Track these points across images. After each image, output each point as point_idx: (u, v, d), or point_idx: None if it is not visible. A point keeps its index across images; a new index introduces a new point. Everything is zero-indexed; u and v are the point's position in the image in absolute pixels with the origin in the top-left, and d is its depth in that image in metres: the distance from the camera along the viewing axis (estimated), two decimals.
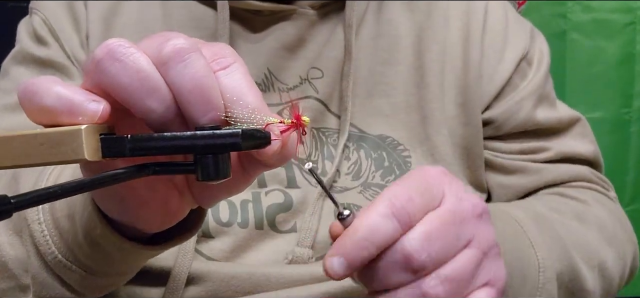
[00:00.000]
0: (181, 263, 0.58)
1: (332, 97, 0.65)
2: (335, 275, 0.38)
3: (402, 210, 0.38)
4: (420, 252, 0.37)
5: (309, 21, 0.65)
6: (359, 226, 0.38)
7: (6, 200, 0.26)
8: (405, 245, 0.38)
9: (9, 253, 0.52)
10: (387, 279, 0.38)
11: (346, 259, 0.38)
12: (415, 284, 0.38)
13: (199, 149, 0.33)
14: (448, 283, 0.38)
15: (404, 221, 0.38)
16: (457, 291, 0.39)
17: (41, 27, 0.67)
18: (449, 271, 0.38)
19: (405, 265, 0.38)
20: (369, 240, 0.37)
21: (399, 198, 0.38)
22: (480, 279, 0.40)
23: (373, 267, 0.38)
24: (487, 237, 0.40)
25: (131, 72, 0.33)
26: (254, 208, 0.61)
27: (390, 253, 0.38)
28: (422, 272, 0.38)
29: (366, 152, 0.64)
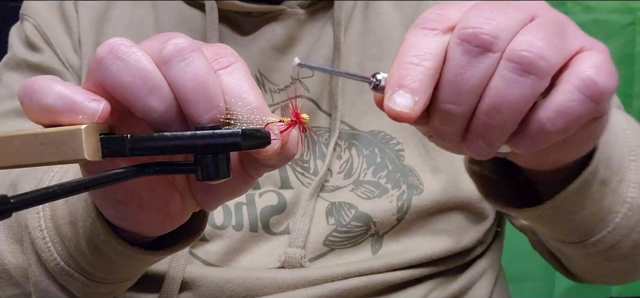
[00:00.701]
0: (175, 268, 0.58)
1: (322, 95, 0.65)
2: (406, 109, 0.33)
3: (434, 17, 0.34)
4: (482, 24, 0.32)
5: (298, 21, 0.65)
6: (400, 57, 0.34)
7: (6, 200, 0.26)
8: (462, 31, 0.33)
9: (11, 262, 0.52)
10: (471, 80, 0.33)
11: (405, 85, 0.33)
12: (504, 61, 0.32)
13: (199, 149, 0.33)
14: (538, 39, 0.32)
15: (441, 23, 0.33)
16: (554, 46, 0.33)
17: (33, 33, 0.67)
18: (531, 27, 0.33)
19: (474, 49, 0.32)
20: (415, 55, 0.33)
21: (424, 16, 0.35)
22: (575, 41, 0.34)
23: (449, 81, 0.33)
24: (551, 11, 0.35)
25: (133, 71, 0.33)
26: (248, 211, 0.61)
27: (453, 54, 0.33)
28: (498, 45, 0.32)
29: (358, 149, 0.63)
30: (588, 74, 0.33)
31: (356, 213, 0.61)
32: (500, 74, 0.32)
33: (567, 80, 0.33)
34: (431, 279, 0.63)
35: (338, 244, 0.61)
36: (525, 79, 0.32)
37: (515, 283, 1.48)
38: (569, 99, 0.33)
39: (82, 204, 0.45)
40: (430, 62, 0.33)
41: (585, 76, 0.33)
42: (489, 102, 0.33)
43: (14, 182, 0.54)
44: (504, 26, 0.33)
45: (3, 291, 0.53)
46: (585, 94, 0.33)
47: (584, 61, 0.34)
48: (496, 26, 0.32)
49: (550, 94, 0.33)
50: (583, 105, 0.33)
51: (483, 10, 0.33)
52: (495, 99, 0.33)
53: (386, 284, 0.60)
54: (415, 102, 0.33)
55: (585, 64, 0.33)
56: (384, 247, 0.62)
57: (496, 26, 0.32)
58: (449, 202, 0.62)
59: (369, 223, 0.61)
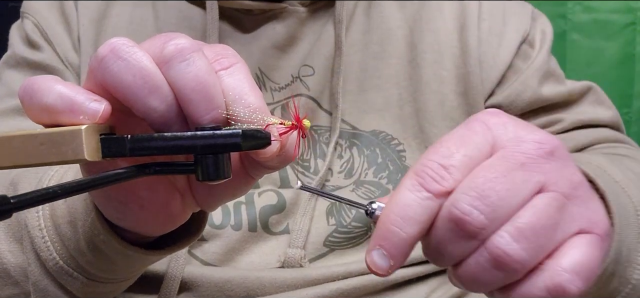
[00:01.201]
0: (174, 268, 0.58)
1: (323, 94, 0.64)
2: (381, 270, 0.34)
3: (432, 174, 0.33)
4: (471, 211, 0.32)
5: (299, 19, 0.65)
6: (388, 211, 0.34)
7: (6, 200, 0.26)
8: (451, 211, 0.32)
9: (10, 261, 0.52)
10: (450, 253, 0.33)
11: (385, 249, 0.33)
12: (483, 249, 0.32)
13: (199, 149, 0.33)
14: (523, 238, 0.32)
15: (437, 185, 0.33)
16: (539, 246, 0.32)
17: (33, 32, 0.67)
18: (520, 223, 0.32)
19: (459, 232, 0.32)
20: (401, 218, 0.33)
21: (427, 164, 0.33)
22: (570, 227, 0.33)
23: (431, 245, 0.34)
24: (565, 176, 0.33)
25: (134, 70, 0.33)
26: (247, 210, 0.61)
27: (440, 225, 0.33)
28: (483, 234, 0.32)
29: (359, 149, 0.63)
30: (559, 281, 0.32)
31: (356, 214, 0.61)
32: (476, 258, 0.33)
33: (542, 274, 0.33)
34: (433, 277, 0.63)
35: (338, 245, 0.61)
36: (498, 272, 0.32)
37: None
38: (534, 294, 0.33)
39: (81, 204, 0.45)
40: (414, 229, 0.33)
41: (557, 282, 0.32)
42: (463, 273, 0.34)
43: (14, 181, 0.54)
44: (495, 215, 0.32)
45: (2, 290, 0.53)
46: (552, 296, 0.32)
47: (566, 258, 0.32)
48: (486, 216, 0.32)
49: (525, 279, 0.33)
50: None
51: (482, 186, 0.32)
52: (468, 274, 0.33)
53: (387, 283, 0.60)
54: (391, 266, 0.34)
55: (564, 263, 0.32)
56: None
57: (486, 216, 0.32)
58: None
59: (369, 224, 0.61)
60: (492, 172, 0.32)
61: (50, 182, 0.50)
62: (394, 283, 0.60)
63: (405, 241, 0.33)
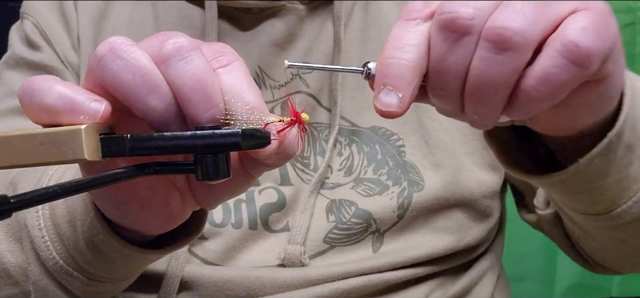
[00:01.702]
0: (174, 267, 0.58)
1: (322, 91, 0.64)
2: (391, 107, 0.33)
3: (417, 6, 0.34)
4: (457, 7, 0.32)
5: (298, 16, 0.65)
6: (384, 51, 0.34)
7: (6, 199, 0.26)
8: (439, 18, 0.33)
9: (10, 261, 0.52)
10: (453, 65, 0.33)
11: (389, 84, 0.33)
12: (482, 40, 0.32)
13: (199, 149, 0.33)
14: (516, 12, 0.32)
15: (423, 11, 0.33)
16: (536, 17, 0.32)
17: (33, 32, 0.67)
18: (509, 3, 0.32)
19: (453, 34, 0.32)
20: (397, 49, 0.33)
21: (409, 5, 0.34)
22: (563, 6, 0.33)
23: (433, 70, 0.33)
24: None
25: (133, 70, 0.33)
26: (247, 208, 0.61)
27: (434, 40, 0.33)
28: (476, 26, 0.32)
29: (358, 146, 0.63)
30: (571, 37, 0.32)
31: (356, 210, 0.61)
32: (478, 54, 0.32)
33: (550, 45, 0.32)
34: (433, 279, 0.63)
35: (338, 242, 0.61)
36: (503, 57, 0.32)
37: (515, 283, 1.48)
38: (550, 64, 0.32)
39: (81, 203, 0.45)
40: (411, 54, 0.33)
41: (568, 40, 0.32)
42: (472, 83, 0.33)
43: (13, 181, 0.54)
44: (482, 4, 0.32)
45: (2, 290, 0.53)
46: (568, 59, 0.32)
47: (570, 23, 0.32)
48: (473, 6, 0.32)
49: (534, 61, 0.33)
50: (567, 70, 0.32)
51: None
52: (477, 79, 0.33)
53: (387, 283, 0.60)
54: (400, 99, 0.33)
55: (570, 26, 0.32)
56: (384, 245, 0.61)
57: (473, 6, 0.32)
58: (450, 199, 0.62)
59: (369, 221, 0.61)
60: None
61: (49, 182, 0.50)
62: (393, 284, 0.60)
63: (406, 68, 0.33)
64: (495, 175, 0.64)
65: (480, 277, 0.65)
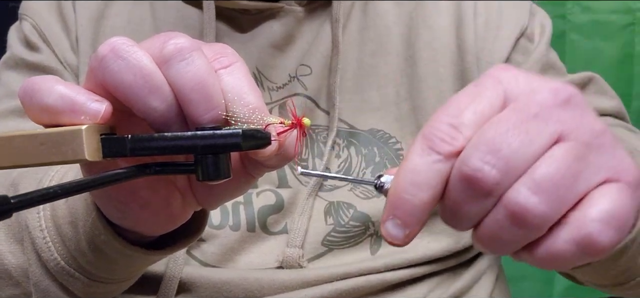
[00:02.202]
0: (173, 269, 0.58)
1: (320, 93, 0.64)
2: (396, 240, 0.33)
3: (441, 135, 0.31)
4: (482, 167, 0.30)
5: (296, 18, 0.65)
6: (398, 179, 0.32)
7: (6, 200, 0.26)
8: (461, 169, 0.31)
9: (11, 262, 0.52)
10: (466, 214, 0.32)
11: (398, 218, 0.32)
12: (500, 206, 0.30)
13: (200, 149, 0.33)
14: (541, 190, 0.30)
15: (447, 145, 0.31)
16: (560, 198, 0.30)
17: (32, 33, 0.67)
18: (537, 175, 0.30)
19: (472, 190, 0.31)
20: (412, 185, 0.31)
21: (435, 126, 0.32)
22: (594, 177, 0.31)
23: (447, 208, 0.32)
24: (585, 123, 0.31)
25: (134, 70, 0.33)
26: (245, 211, 0.61)
27: (453, 186, 0.31)
28: (498, 190, 0.30)
29: (356, 148, 0.63)
30: (589, 231, 0.30)
31: (355, 213, 0.61)
32: (494, 216, 0.31)
33: (568, 227, 0.31)
34: (431, 278, 0.63)
35: (336, 244, 0.61)
36: (517, 229, 0.30)
37: (515, 283, 1.48)
38: (562, 248, 0.31)
39: (82, 204, 0.45)
40: (426, 194, 0.32)
41: (586, 233, 0.30)
42: (482, 234, 0.32)
43: (15, 182, 0.54)
44: (509, 168, 0.30)
45: (3, 291, 0.53)
46: (581, 249, 0.30)
47: (593, 208, 0.30)
48: (500, 169, 0.30)
49: (549, 234, 0.31)
50: (578, 257, 0.31)
51: (493, 140, 0.30)
52: (487, 234, 0.32)
53: (386, 284, 0.60)
54: (407, 235, 0.33)
55: (593, 212, 0.30)
56: (382, 247, 0.61)
57: (500, 169, 0.30)
58: None
59: (367, 223, 0.61)
60: (503, 125, 0.30)
61: (50, 183, 0.50)
62: (392, 284, 0.61)
63: (418, 207, 0.32)
64: None
65: (479, 276, 0.66)
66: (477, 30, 0.65)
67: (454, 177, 0.31)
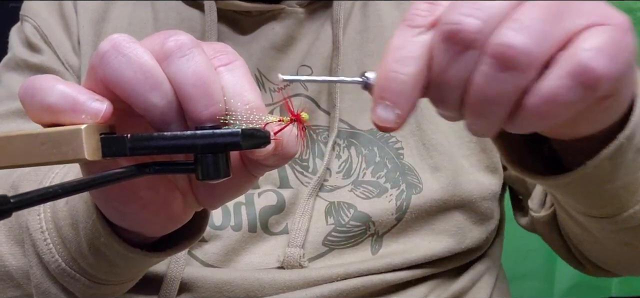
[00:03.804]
0: (174, 269, 0.58)
1: (321, 93, 0.64)
2: (388, 123, 0.32)
3: (421, 12, 0.32)
4: (461, 19, 0.30)
5: (297, 20, 0.65)
6: (383, 61, 0.32)
7: (6, 199, 0.26)
8: (441, 28, 0.30)
9: (12, 263, 0.52)
10: (453, 79, 0.31)
11: (387, 99, 0.32)
12: (485, 56, 0.30)
13: (199, 149, 0.33)
14: (523, 28, 0.29)
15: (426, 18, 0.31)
16: (545, 34, 0.30)
17: (33, 35, 0.67)
18: (517, 15, 0.29)
19: (455, 46, 0.30)
20: (397, 62, 0.31)
21: (415, 6, 0.32)
22: (580, 18, 0.30)
23: (433, 81, 0.32)
24: None
25: (135, 66, 0.33)
26: (247, 211, 0.61)
27: (436, 52, 0.31)
28: (480, 39, 0.30)
29: (357, 149, 0.63)
30: (582, 58, 0.29)
31: (355, 213, 0.61)
32: (480, 69, 0.30)
33: (559, 63, 0.30)
34: (431, 279, 0.63)
35: (337, 244, 0.61)
36: (506, 74, 0.30)
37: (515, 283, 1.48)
38: (558, 85, 0.30)
39: (83, 206, 0.45)
40: (412, 67, 0.32)
41: (579, 61, 0.30)
42: (472, 97, 0.31)
43: (15, 183, 0.54)
44: (489, 15, 0.30)
45: (5, 293, 0.54)
46: (577, 81, 0.30)
47: (584, 42, 0.30)
48: (479, 17, 0.30)
49: (541, 77, 0.30)
50: (575, 92, 0.30)
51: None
52: (477, 94, 0.31)
53: (386, 284, 0.60)
54: (398, 115, 0.32)
55: (583, 46, 0.30)
56: (383, 247, 0.61)
57: (479, 17, 0.30)
58: (448, 202, 0.62)
59: (368, 223, 0.61)
60: None
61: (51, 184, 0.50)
62: (392, 285, 0.61)
63: (406, 83, 0.32)
64: (494, 177, 0.64)
65: (479, 277, 0.66)
66: None
67: (436, 40, 0.31)
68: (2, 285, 0.53)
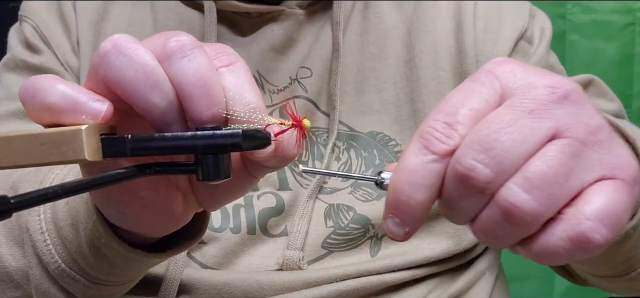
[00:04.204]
0: (173, 271, 0.58)
1: (321, 95, 0.64)
2: (397, 237, 0.34)
3: (437, 134, 0.32)
4: (474, 166, 0.30)
5: (297, 21, 0.65)
6: (395, 179, 0.33)
7: (6, 200, 0.26)
8: (455, 168, 0.31)
9: (12, 264, 0.52)
10: (463, 210, 0.32)
11: (397, 217, 0.33)
12: (493, 203, 0.31)
13: (200, 149, 0.33)
14: (532, 188, 0.30)
15: (442, 145, 0.31)
16: (552, 195, 0.30)
17: (32, 35, 0.67)
18: (528, 173, 0.30)
19: (466, 188, 0.31)
20: (409, 185, 0.32)
21: (431, 124, 0.32)
22: (588, 174, 0.31)
23: (444, 204, 0.33)
24: (581, 120, 0.31)
25: (136, 66, 0.33)
26: (246, 213, 0.61)
27: (448, 184, 0.32)
28: (490, 188, 0.31)
29: (356, 151, 0.63)
30: (583, 230, 0.30)
31: (355, 215, 0.61)
32: (487, 213, 0.31)
33: (562, 223, 0.31)
34: (431, 279, 0.63)
35: (336, 247, 0.61)
36: (510, 226, 0.31)
37: (515, 283, 1.48)
38: (556, 244, 0.31)
39: (83, 206, 0.45)
40: (423, 195, 0.32)
41: (580, 231, 0.30)
42: (478, 229, 0.33)
43: (15, 184, 0.54)
44: (501, 168, 0.30)
45: (5, 294, 0.53)
46: (575, 246, 0.31)
47: (588, 205, 0.30)
48: (492, 168, 0.30)
49: (544, 229, 0.31)
50: (572, 254, 0.31)
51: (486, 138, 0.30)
52: (483, 230, 0.32)
53: (385, 285, 0.60)
54: (406, 232, 0.33)
55: (587, 210, 0.30)
56: (382, 249, 0.61)
57: (492, 168, 0.30)
58: None
59: (367, 226, 0.61)
60: (497, 123, 0.30)
61: (51, 184, 0.50)
62: (391, 286, 0.61)
63: (415, 208, 0.32)
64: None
65: (479, 277, 0.66)
66: (476, 32, 0.65)
67: (449, 175, 0.32)
68: (2, 286, 0.53)
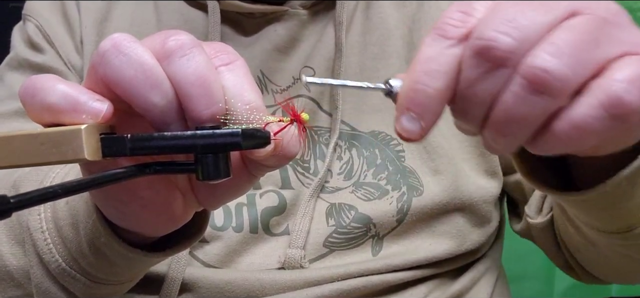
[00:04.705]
0: (175, 269, 0.58)
1: (323, 95, 0.64)
2: (412, 135, 0.32)
3: (453, 22, 0.31)
4: (496, 36, 0.29)
5: (300, 21, 0.65)
6: (412, 70, 0.31)
7: (6, 199, 0.26)
8: (474, 43, 0.30)
9: (12, 263, 0.52)
10: (481, 94, 0.30)
11: (413, 111, 0.31)
12: (517, 75, 0.29)
13: (200, 149, 0.33)
14: (560, 53, 0.29)
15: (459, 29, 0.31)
16: (581, 62, 0.29)
17: (36, 34, 0.67)
18: (555, 39, 0.29)
19: (487, 63, 0.30)
20: (426, 74, 0.31)
21: (447, 14, 0.31)
22: (613, 48, 0.30)
23: (459, 95, 0.31)
24: (600, 2, 0.31)
25: (135, 65, 0.33)
26: (248, 212, 0.61)
27: (466, 65, 0.30)
28: (513, 59, 0.29)
29: (358, 150, 0.63)
30: (616, 90, 0.29)
31: (356, 214, 0.61)
32: (511, 89, 0.30)
33: (592, 91, 0.30)
34: (432, 280, 0.63)
35: (338, 245, 0.61)
36: (537, 98, 0.29)
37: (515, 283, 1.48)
38: (588, 114, 0.29)
39: (83, 206, 0.45)
40: (441, 82, 0.31)
41: (612, 92, 0.29)
42: (498, 116, 0.31)
43: (16, 184, 0.54)
44: (525, 35, 0.29)
45: (5, 293, 0.54)
46: (608, 112, 0.29)
47: (618, 72, 0.30)
48: (515, 37, 0.29)
49: (571, 103, 0.30)
50: (604, 123, 0.30)
51: (506, 12, 0.30)
52: (504, 113, 0.31)
53: (386, 284, 0.60)
54: (422, 128, 0.32)
55: (616, 77, 0.29)
56: (384, 249, 0.62)
57: (515, 37, 0.29)
58: (449, 204, 0.62)
59: (369, 225, 0.61)
60: (516, 2, 0.30)
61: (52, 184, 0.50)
62: (393, 285, 0.61)
63: (433, 97, 0.31)
64: (494, 181, 0.65)
65: (479, 277, 0.66)
66: None
67: (467, 55, 0.30)
68: (3, 284, 0.54)
